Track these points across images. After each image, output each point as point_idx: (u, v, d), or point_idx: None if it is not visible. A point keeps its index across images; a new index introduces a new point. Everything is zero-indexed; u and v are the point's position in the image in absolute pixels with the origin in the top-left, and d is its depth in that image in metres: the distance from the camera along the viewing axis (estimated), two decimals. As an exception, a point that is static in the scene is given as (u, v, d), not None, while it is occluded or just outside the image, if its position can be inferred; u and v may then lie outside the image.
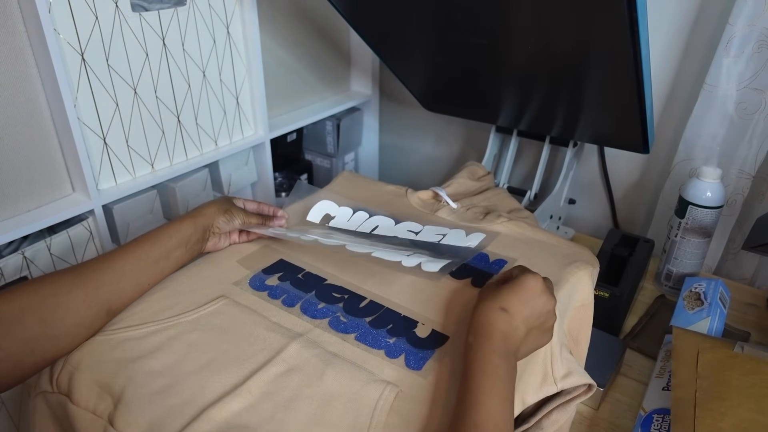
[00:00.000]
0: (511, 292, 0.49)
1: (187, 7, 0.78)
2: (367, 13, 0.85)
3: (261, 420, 0.45)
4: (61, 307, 0.50)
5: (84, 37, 0.68)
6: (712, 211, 0.83)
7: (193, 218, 0.61)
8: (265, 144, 0.99)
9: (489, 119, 1.04)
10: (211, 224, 0.63)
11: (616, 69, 0.69)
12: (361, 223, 0.73)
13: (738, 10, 0.79)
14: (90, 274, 0.53)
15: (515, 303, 0.48)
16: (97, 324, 0.53)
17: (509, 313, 0.47)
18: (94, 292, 0.52)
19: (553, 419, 0.57)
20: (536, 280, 0.50)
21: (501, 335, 0.46)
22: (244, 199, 0.69)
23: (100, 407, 0.46)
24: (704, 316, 0.75)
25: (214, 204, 0.64)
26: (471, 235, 0.68)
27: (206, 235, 0.63)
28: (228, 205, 0.65)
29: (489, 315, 0.47)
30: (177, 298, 0.58)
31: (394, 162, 1.38)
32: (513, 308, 0.48)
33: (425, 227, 0.71)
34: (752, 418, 0.54)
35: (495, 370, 0.44)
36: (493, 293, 0.49)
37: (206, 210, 0.63)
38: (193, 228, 0.61)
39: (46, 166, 0.69)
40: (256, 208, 0.70)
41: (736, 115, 0.87)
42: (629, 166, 1.04)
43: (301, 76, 1.10)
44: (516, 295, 0.48)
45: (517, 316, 0.48)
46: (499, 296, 0.48)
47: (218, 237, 0.65)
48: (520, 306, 0.48)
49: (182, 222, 0.60)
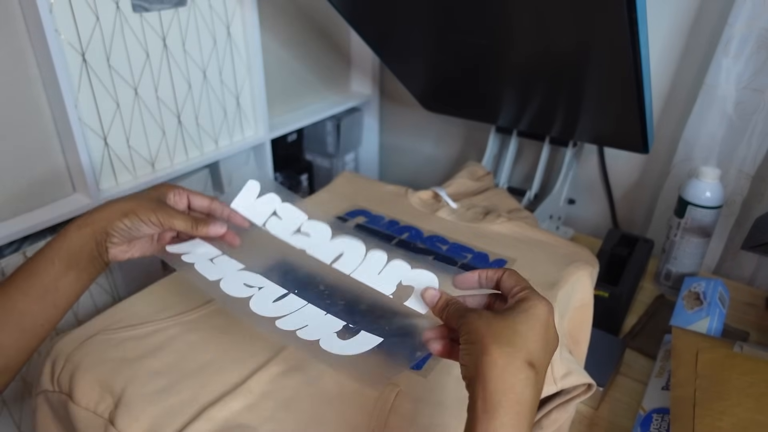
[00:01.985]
0: (533, 333, 0.36)
1: (187, 7, 0.78)
2: (367, 13, 0.86)
3: (261, 419, 0.45)
4: None
5: (85, 38, 0.68)
6: (712, 211, 0.84)
7: (79, 229, 0.47)
8: (266, 144, 0.99)
9: (489, 119, 1.04)
10: (106, 232, 0.47)
11: (615, 69, 0.69)
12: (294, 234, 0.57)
13: (737, 11, 0.79)
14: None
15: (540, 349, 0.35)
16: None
17: (536, 368, 0.35)
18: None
19: (552, 419, 0.58)
20: (551, 311, 0.38)
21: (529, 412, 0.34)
22: (191, 192, 0.53)
23: (101, 406, 0.46)
24: (703, 315, 0.75)
25: (115, 203, 0.49)
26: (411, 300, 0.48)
27: (103, 247, 0.48)
28: (138, 203, 0.48)
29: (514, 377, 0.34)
30: (177, 297, 0.58)
31: (394, 162, 1.38)
32: (538, 358, 0.35)
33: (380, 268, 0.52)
34: (751, 417, 0.54)
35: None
36: (508, 333, 0.35)
37: (99, 215, 0.48)
38: (80, 242, 0.47)
39: (47, 166, 0.69)
40: (206, 207, 0.54)
41: (736, 115, 0.87)
42: (629, 166, 1.05)
43: (301, 76, 1.10)
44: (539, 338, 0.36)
45: (542, 369, 0.36)
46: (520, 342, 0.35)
47: (125, 245, 0.50)
48: (542, 352, 0.36)
49: (65, 236, 0.47)
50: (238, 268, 0.51)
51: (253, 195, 0.58)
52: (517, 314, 0.36)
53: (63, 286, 0.46)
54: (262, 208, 0.58)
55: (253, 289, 0.48)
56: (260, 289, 0.48)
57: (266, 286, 0.49)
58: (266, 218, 0.57)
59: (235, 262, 0.52)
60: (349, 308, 0.48)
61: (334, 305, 0.48)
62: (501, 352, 0.34)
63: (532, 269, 0.63)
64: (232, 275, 0.50)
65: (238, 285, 0.48)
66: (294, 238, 0.56)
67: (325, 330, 0.44)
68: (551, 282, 0.61)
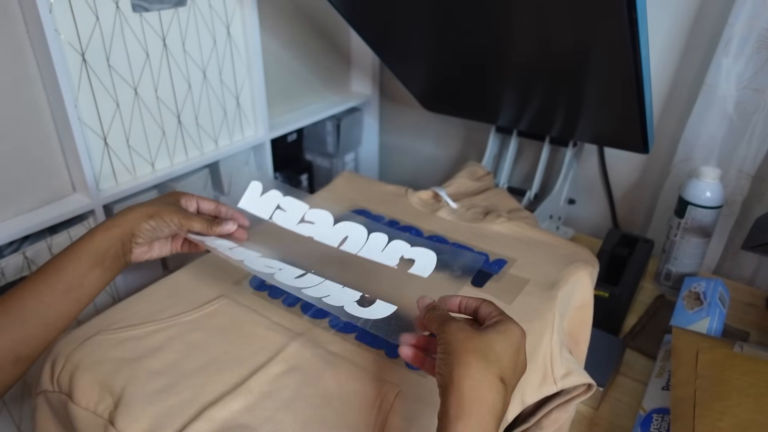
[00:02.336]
0: (505, 353, 0.38)
1: (187, 7, 0.78)
2: (367, 13, 0.86)
3: (261, 419, 0.45)
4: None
5: (85, 38, 0.68)
6: (712, 211, 0.84)
7: (106, 230, 0.51)
8: (266, 144, 0.99)
9: (489, 119, 1.04)
10: (132, 233, 0.52)
11: (615, 69, 0.69)
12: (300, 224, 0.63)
13: (737, 11, 0.79)
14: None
15: (510, 368, 0.38)
16: (7, 378, 0.46)
17: (505, 384, 0.37)
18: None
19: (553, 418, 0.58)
20: (524, 336, 0.40)
21: (496, 422, 0.36)
22: (199, 198, 0.59)
23: (101, 406, 0.46)
24: (704, 315, 0.75)
25: (139, 207, 0.54)
26: None
27: (128, 247, 0.53)
28: (160, 207, 0.54)
29: (486, 389, 0.36)
30: (177, 297, 0.58)
31: (394, 162, 1.38)
32: (508, 377, 0.38)
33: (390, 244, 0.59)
34: (751, 417, 0.54)
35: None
36: (483, 348, 0.38)
37: (125, 218, 0.53)
38: (107, 243, 0.51)
39: (47, 166, 0.69)
40: (213, 209, 0.60)
41: (736, 115, 0.87)
42: (629, 166, 1.04)
43: (301, 76, 1.10)
44: (510, 358, 0.38)
45: (510, 386, 0.38)
46: (493, 357, 0.37)
47: (147, 246, 0.55)
48: (512, 373, 0.38)
49: (92, 237, 0.50)
50: (255, 256, 0.56)
51: (257, 193, 0.63)
52: (494, 334, 0.39)
53: (87, 282, 0.49)
54: (266, 204, 0.63)
55: (274, 269, 0.53)
56: (280, 270, 0.53)
57: (285, 267, 0.54)
58: (272, 212, 0.62)
59: (252, 252, 0.57)
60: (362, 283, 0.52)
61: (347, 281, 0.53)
62: (477, 366, 0.37)
63: (532, 269, 0.63)
64: (252, 260, 0.55)
65: (260, 266, 0.53)
66: (300, 226, 0.61)
67: (346, 299, 0.50)
68: (551, 282, 0.61)
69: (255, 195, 0.63)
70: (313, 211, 0.62)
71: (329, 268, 0.55)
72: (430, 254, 0.54)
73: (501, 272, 0.63)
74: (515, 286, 0.61)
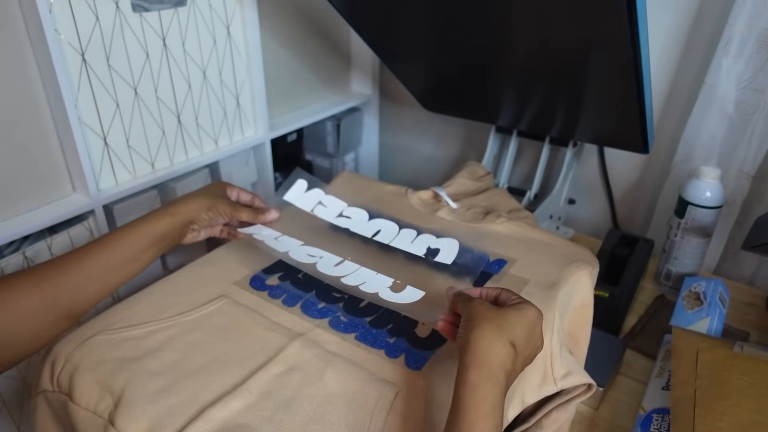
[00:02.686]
0: (520, 325, 0.43)
1: (187, 7, 0.78)
2: (367, 13, 0.86)
3: (261, 419, 0.45)
4: (15, 314, 0.47)
5: (85, 38, 0.68)
6: (712, 211, 0.84)
7: (171, 216, 0.57)
8: (266, 144, 0.99)
9: (489, 119, 1.04)
10: (191, 221, 0.59)
11: (615, 69, 0.69)
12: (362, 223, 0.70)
13: (737, 11, 0.79)
14: (50, 278, 0.49)
15: (523, 339, 0.43)
16: (55, 330, 0.50)
17: (517, 350, 0.43)
18: (51, 299, 0.49)
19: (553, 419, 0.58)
20: (540, 316, 0.45)
21: (506, 376, 0.41)
22: (239, 189, 0.66)
23: (101, 406, 0.46)
24: (704, 315, 0.75)
25: (198, 197, 0.60)
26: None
27: (184, 232, 0.59)
28: (215, 199, 0.61)
29: (498, 348, 0.42)
30: (177, 297, 0.58)
31: (394, 162, 1.38)
32: (520, 344, 0.43)
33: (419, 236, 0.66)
34: (751, 417, 0.54)
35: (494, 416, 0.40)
36: (499, 319, 0.43)
37: (188, 205, 0.59)
38: (169, 227, 0.57)
39: (46, 166, 0.69)
40: (250, 200, 0.67)
41: (736, 115, 0.87)
42: (629, 166, 1.04)
43: (301, 76, 1.10)
44: (525, 330, 0.44)
45: (521, 354, 0.43)
46: (508, 326, 0.43)
47: (198, 232, 0.62)
48: (525, 343, 0.44)
49: (158, 220, 0.56)
50: (298, 244, 0.63)
51: (302, 189, 0.72)
52: (510, 309, 0.45)
53: (143, 258, 0.56)
54: (309, 199, 0.71)
55: (315, 258, 0.60)
56: (321, 258, 0.60)
57: (325, 255, 0.61)
58: (313, 206, 0.71)
59: (295, 240, 0.64)
60: (393, 271, 0.59)
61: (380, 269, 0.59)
62: (491, 329, 0.42)
63: (532, 269, 0.63)
64: (296, 248, 0.62)
65: (303, 255, 0.60)
66: (338, 220, 0.69)
67: (380, 285, 0.56)
68: (551, 282, 0.61)
69: (300, 190, 0.72)
70: (350, 208, 0.70)
71: (364, 256, 0.61)
72: (454, 242, 0.61)
73: (501, 272, 0.63)
74: (515, 286, 0.61)
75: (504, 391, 0.41)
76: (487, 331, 0.42)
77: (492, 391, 0.40)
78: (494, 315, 0.44)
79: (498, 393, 0.40)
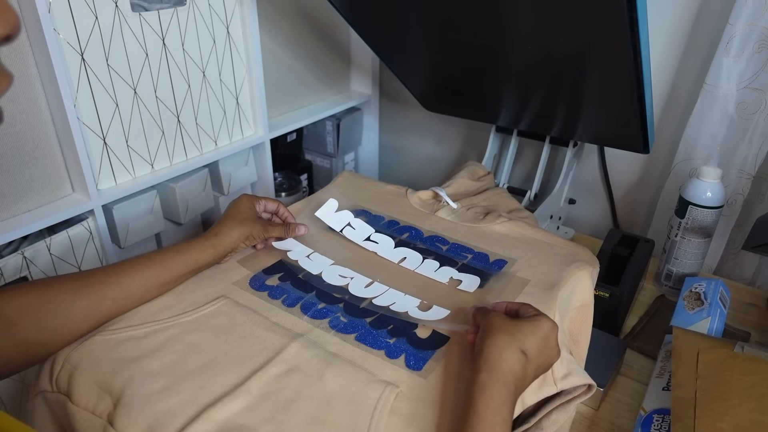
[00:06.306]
0: (532, 335, 0.46)
1: (186, 7, 0.78)
2: (367, 13, 0.85)
3: (261, 420, 0.45)
4: (59, 316, 0.50)
5: (84, 37, 0.68)
6: (712, 211, 0.83)
7: (214, 248, 0.60)
8: (265, 144, 0.99)
9: (489, 119, 1.04)
10: (232, 249, 0.63)
11: (616, 69, 0.69)
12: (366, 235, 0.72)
13: (738, 10, 0.79)
14: (96, 287, 0.52)
15: (534, 348, 0.46)
16: (88, 332, 0.52)
17: (528, 357, 0.45)
18: (95, 306, 0.52)
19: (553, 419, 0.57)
20: (554, 328, 0.48)
21: (514, 380, 0.44)
22: (264, 200, 0.68)
23: (100, 407, 0.46)
24: (704, 316, 0.74)
25: (238, 227, 0.63)
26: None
27: (223, 258, 0.63)
28: (251, 227, 0.64)
29: (508, 354, 0.45)
30: (177, 298, 0.58)
31: (394, 162, 1.38)
32: (531, 353, 0.46)
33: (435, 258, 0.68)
34: (752, 418, 0.53)
35: (501, 412, 0.42)
36: (512, 329, 0.47)
37: (230, 238, 0.62)
38: (212, 259, 0.61)
39: (45, 166, 0.69)
40: (275, 209, 0.69)
41: (736, 115, 0.86)
42: (629, 166, 1.04)
43: (301, 76, 1.09)
44: (537, 340, 0.46)
45: (533, 362, 0.46)
46: (519, 336, 0.46)
47: (234, 254, 0.65)
48: (536, 352, 0.46)
49: (202, 251, 0.60)
50: (329, 263, 0.65)
51: (333, 209, 0.74)
52: (525, 321, 0.48)
53: (180, 280, 0.59)
54: (339, 219, 0.73)
55: (347, 279, 0.63)
56: (352, 279, 0.63)
57: (355, 276, 0.63)
58: (343, 227, 0.72)
59: (326, 258, 0.66)
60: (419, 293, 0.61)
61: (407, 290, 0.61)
62: (503, 338, 0.46)
63: (532, 269, 0.63)
64: (328, 269, 0.64)
65: (335, 276, 0.63)
66: (365, 243, 0.70)
67: (409, 305, 0.58)
68: (551, 282, 0.61)
69: (331, 210, 0.74)
70: (377, 234, 0.71)
71: (392, 278, 0.63)
72: (476, 279, 0.62)
73: (501, 272, 0.63)
74: (515, 286, 0.61)
75: (513, 392, 0.44)
76: (499, 339, 0.46)
77: (500, 390, 0.43)
78: (508, 325, 0.47)
79: (506, 393, 0.43)
